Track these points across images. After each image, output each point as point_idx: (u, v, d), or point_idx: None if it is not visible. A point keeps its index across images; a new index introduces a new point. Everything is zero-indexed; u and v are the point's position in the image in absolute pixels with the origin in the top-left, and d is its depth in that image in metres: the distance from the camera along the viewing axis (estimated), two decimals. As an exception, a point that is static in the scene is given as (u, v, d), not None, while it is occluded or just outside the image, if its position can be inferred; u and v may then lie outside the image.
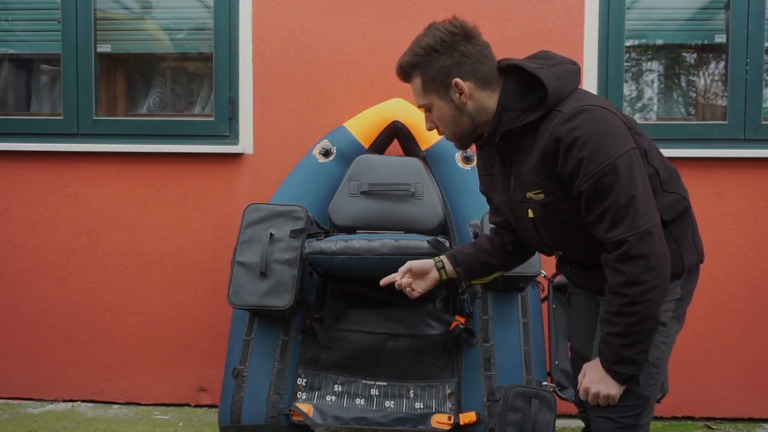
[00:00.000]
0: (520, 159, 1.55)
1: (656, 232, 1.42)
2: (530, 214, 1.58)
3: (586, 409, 1.66)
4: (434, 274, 1.79)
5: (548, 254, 1.72)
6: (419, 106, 1.61)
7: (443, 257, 1.82)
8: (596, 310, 1.71)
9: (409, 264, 1.79)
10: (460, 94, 1.53)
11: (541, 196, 1.53)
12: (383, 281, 1.83)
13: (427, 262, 1.80)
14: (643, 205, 1.42)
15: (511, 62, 1.55)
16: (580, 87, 1.56)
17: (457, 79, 1.52)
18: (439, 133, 1.64)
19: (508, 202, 1.65)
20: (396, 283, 1.79)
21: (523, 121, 1.51)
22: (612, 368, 1.50)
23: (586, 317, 1.78)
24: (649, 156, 1.53)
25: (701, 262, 1.66)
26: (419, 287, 1.80)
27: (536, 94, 1.50)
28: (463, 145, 1.64)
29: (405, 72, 1.58)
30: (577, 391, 1.65)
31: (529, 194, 1.55)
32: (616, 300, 1.45)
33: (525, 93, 1.52)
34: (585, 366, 1.59)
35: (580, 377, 1.60)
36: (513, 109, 1.52)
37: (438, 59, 1.52)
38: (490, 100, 1.55)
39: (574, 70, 1.55)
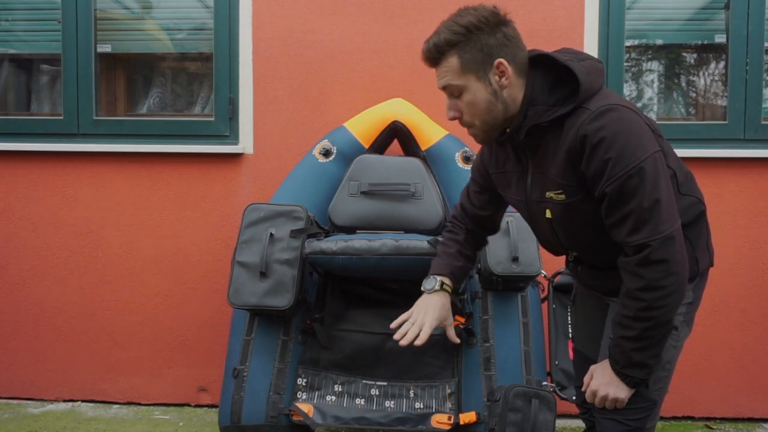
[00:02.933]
0: (542, 157, 1.50)
1: (678, 237, 1.40)
2: (548, 214, 1.54)
3: (592, 410, 1.65)
4: (442, 298, 1.73)
5: (561, 254, 1.69)
6: (445, 88, 1.49)
7: (442, 280, 1.74)
8: (604, 312, 1.69)
9: (434, 322, 1.68)
10: (501, 77, 1.45)
11: (563, 196, 1.49)
12: (394, 324, 1.69)
13: (445, 308, 1.72)
14: (666, 209, 1.39)
15: (540, 53, 1.49)
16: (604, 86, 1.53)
17: (502, 60, 1.44)
18: (462, 123, 1.53)
19: (523, 201, 1.60)
20: (404, 329, 1.67)
21: (552, 116, 1.45)
22: (622, 371, 1.49)
23: (593, 319, 1.75)
24: (667, 158, 1.49)
25: (712, 265, 1.64)
26: (430, 319, 1.69)
27: (566, 88, 1.45)
28: (488, 139, 1.55)
29: (440, 51, 1.46)
30: (579, 392, 1.64)
31: (549, 194, 1.51)
32: (633, 304, 1.42)
33: (553, 87, 1.47)
34: (593, 368, 1.58)
35: (586, 379, 1.58)
36: (541, 103, 1.46)
37: (480, 38, 1.44)
38: (520, 91, 1.48)
39: (600, 68, 1.50)
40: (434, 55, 1.48)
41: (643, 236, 1.39)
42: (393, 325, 1.70)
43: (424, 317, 1.68)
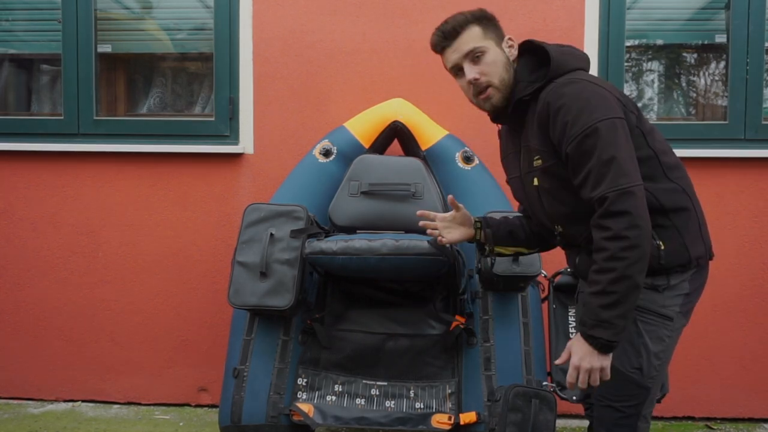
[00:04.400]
0: (527, 131, 1.67)
1: (639, 193, 1.48)
2: (535, 182, 1.67)
3: (590, 395, 1.69)
4: (470, 231, 1.91)
5: (551, 231, 1.76)
6: (467, 54, 1.66)
7: (479, 220, 1.92)
8: None
9: (454, 213, 1.88)
10: (511, 48, 1.70)
11: (540, 161, 1.63)
12: (421, 212, 1.92)
13: (470, 218, 1.91)
14: (624, 166, 1.48)
15: (526, 40, 1.71)
16: (587, 72, 1.67)
17: (511, 36, 1.70)
18: (479, 84, 1.66)
19: (519, 177, 1.75)
20: (426, 224, 1.91)
21: (531, 89, 1.63)
22: (590, 333, 1.51)
23: None
24: (650, 139, 1.60)
25: (710, 258, 1.68)
26: (451, 236, 1.90)
27: (545, 69, 1.64)
28: (502, 99, 1.68)
29: (466, 22, 1.67)
30: (583, 389, 1.67)
31: (534, 162, 1.65)
32: (598, 255, 1.49)
33: (534, 68, 1.67)
34: (569, 344, 1.59)
35: (564, 355, 1.60)
36: (524, 80, 1.67)
37: (492, 20, 1.70)
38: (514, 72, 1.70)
39: (581, 55, 1.69)
40: (458, 28, 1.66)
41: (602, 189, 1.48)
42: (422, 212, 1.92)
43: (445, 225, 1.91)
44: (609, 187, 1.47)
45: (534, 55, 1.69)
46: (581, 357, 1.54)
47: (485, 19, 1.69)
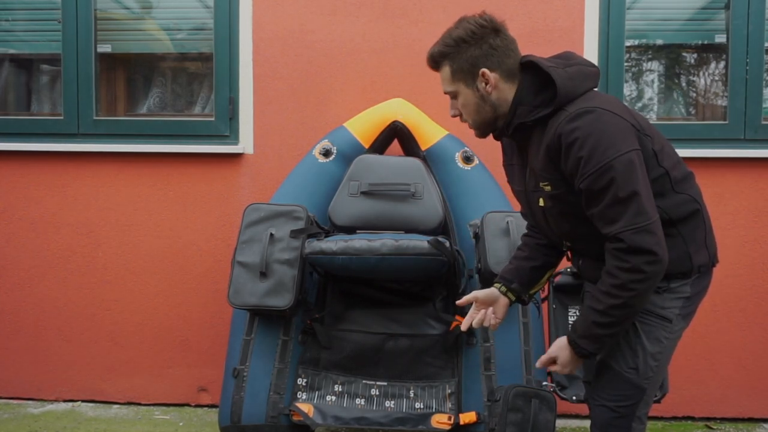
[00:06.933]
0: (531, 153, 1.63)
1: (655, 230, 1.47)
2: (541, 203, 1.65)
3: (588, 399, 1.70)
4: (504, 300, 1.82)
5: (558, 244, 1.77)
6: (446, 92, 1.68)
7: (498, 282, 1.84)
8: None
9: (474, 294, 1.81)
10: (486, 84, 1.61)
11: (549, 188, 1.60)
12: (464, 327, 1.82)
13: (491, 291, 1.82)
14: (642, 204, 1.47)
15: (529, 59, 1.62)
16: (596, 89, 1.62)
17: (485, 70, 1.59)
18: (462, 120, 1.70)
19: (523, 191, 1.72)
20: (474, 323, 1.80)
21: (535, 116, 1.58)
22: (576, 341, 1.58)
23: None
24: (660, 157, 1.57)
25: (713, 264, 1.69)
26: (499, 314, 1.82)
27: (549, 92, 1.57)
28: (482, 133, 1.70)
29: (435, 61, 1.65)
30: (588, 388, 1.69)
31: (541, 185, 1.62)
32: (609, 280, 1.50)
33: (539, 90, 1.59)
34: (555, 349, 1.65)
35: (546, 360, 1.68)
36: (527, 104, 1.60)
37: (467, 50, 1.60)
38: (510, 92, 1.62)
39: (590, 72, 1.62)
40: (432, 64, 1.67)
41: (619, 227, 1.47)
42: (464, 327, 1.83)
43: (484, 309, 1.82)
44: (626, 225, 1.46)
45: (536, 73, 1.59)
46: (566, 365, 1.63)
47: (460, 51, 1.59)
